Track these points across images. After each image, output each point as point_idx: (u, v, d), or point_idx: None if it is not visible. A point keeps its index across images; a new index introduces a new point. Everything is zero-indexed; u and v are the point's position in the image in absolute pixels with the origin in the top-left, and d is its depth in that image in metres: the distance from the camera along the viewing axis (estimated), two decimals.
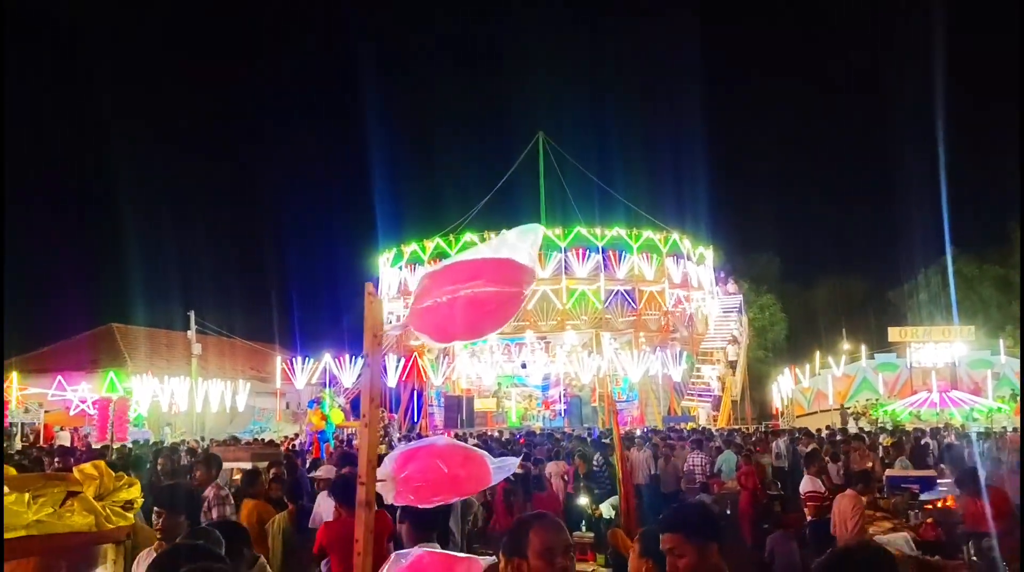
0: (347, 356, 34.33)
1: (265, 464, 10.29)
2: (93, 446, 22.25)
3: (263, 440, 24.06)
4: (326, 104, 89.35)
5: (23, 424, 28.56)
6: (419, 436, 26.62)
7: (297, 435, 26.33)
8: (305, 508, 8.64)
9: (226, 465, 12.15)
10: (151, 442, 24.61)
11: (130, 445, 21.27)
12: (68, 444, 23.90)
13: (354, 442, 21.88)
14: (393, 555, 2.49)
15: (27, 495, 3.09)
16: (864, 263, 57.78)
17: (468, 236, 38.80)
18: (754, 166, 78.99)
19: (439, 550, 2.76)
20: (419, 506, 2.53)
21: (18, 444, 25.05)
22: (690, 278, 40.71)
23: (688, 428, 27.59)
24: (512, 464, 2.61)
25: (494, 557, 2.69)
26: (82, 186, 67.13)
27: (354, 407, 30.93)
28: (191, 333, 34.42)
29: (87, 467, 3.54)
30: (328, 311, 59.68)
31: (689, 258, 40.75)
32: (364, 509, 2.31)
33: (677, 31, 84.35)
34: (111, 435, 28.43)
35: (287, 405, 37.31)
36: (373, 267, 43.01)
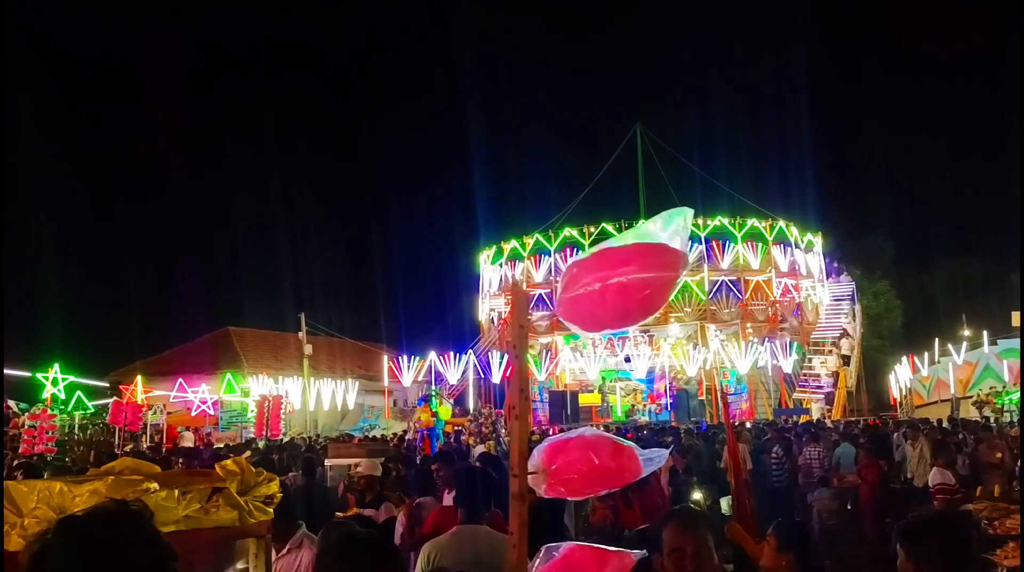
0: (451, 354, 34.79)
1: (382, 460, 10.48)
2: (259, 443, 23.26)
3: (374, 437, 24.66)
4: (427, 105, 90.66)
5: (149, 425, 30.04)
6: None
7: (406, 432, 26.82)
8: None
9: (343, 461, 12.51)
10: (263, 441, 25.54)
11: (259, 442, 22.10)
12: (192, 444, 24.99)
13: (461, 438, 22.15)
14: (544, 548, 2.46)
15: (176, 492, 3.19)
16: (984, 244, 54.66)
17: (567, 231, 38.73)
18: (863, 147, 75.87)
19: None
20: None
21: (144, 445, 26.35)
22: (798, 266, 39.51)
23: (801, 421, 26.79)
24: (662, 456, 2.54)
25: (644, 552, 2.63)
26: (200, 199, 70.16)
27: (458, 404, 31.35)
28: (302, 334, 35.49)
29: (228, 463, 3.63)
30: (432, 310, 60.65)
31: (797, 245, 39.55)
32: (517, 501, 2.28)
33: (781, 11, 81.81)
34: (266, 432, 29.70)
35: (395, 402, 38.09)
36: (474, 265, 43.46)
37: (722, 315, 38.03)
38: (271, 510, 3.81)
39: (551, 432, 24.82)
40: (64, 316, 41.61)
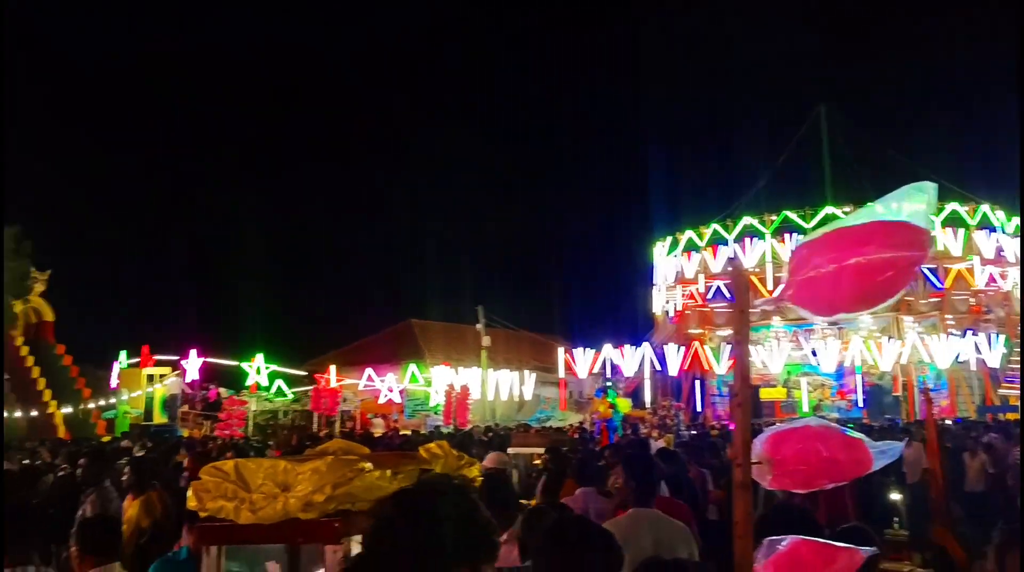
0: (626, 346, 34.56)
1: (565, 450, 10.55)
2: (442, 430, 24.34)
3: (551, 428, 24.94)
4: (602, 94, 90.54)
5: (342, 412, 31.85)
6: (703, 427, 26.13)
7: (582, 423, 26.93)
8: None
9: (524, 450, 12.70)
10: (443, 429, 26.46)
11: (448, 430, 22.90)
12: (383, 431, 26.24)
13: (640, 431, 21.97)
14: (767, 541, 2.37)
15: (388, 472, 3.34)
16: None
17: (746, 219, 37.46)
18: None
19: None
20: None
21: (338, 431, 27.94)
22: (1004, 252, 36.25)
23: (1008, 418, 24.62)
24: (896, 449, 2.38)
25: (874, 549, 2.48)
26: (385, 202, 73.77)
27: (633, 398, 31.06)
28: (480, 326, 36.36)
29: (432, 446, 3.77)
30: (606, 302, 60.46)
31: (1003, 230, 36.30)
32: (741, 490, 2.21)
33: None
34: (454, 420, 30.98)
35: (570, 394, 38.33)
36: (648, 256, 42.93)
37: (919, 306, 35.54)
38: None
39: (731, 427, 24.15)
40: (266, 311, 44.99)
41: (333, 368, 32.36)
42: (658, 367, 34.27)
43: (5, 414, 26.40)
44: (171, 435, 22.89)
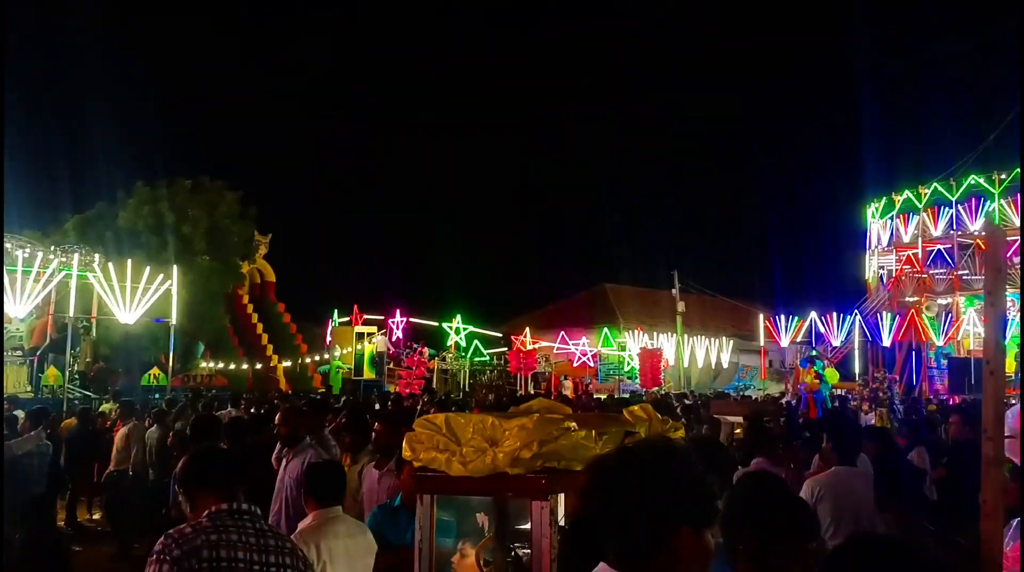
0: (834, 314, 32.73)
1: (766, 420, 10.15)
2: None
3: (750, 397, 24.16)
4: (807, 48, 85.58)
5: (536, 374, 32.49)
6: (917, 400, 24.30)
7: (783, 393, 25.89)
8: None
9: (726, 419, 12.37)
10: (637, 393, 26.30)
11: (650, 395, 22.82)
12: (569, 393, 26.55)
13: (850, 404, 20.79)
14: (1016, 520, 2.13)
15: (593, 432, 3.32)
16: None
17: (972, 178, 34.17)
18: None
19: None
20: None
21: (531, 391, 28.56)
22: None
23: None
24: None
25: None
26: (584, 162, 73.91)
27: (842, 368, 29.42)
28: (675, 291, 35.74)
29: (636, 409, 3.70)
30: (811, 267, 57.54)
31: None
32: (991, 466, 1.99)
33: None
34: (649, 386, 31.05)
35: (770, 363, 36.98)
36: (860, 219, 40.26)
37: None
38: None
39: (951, 402, 22.26)
40: (465, 273, 46.61)
41: (528, 330, 33.07)
42: (869, 337, 32.20)
43: (233, 366, 29.16)
44: (379, 390, 24.37)
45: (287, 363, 32.13)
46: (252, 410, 12.54)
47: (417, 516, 2.88)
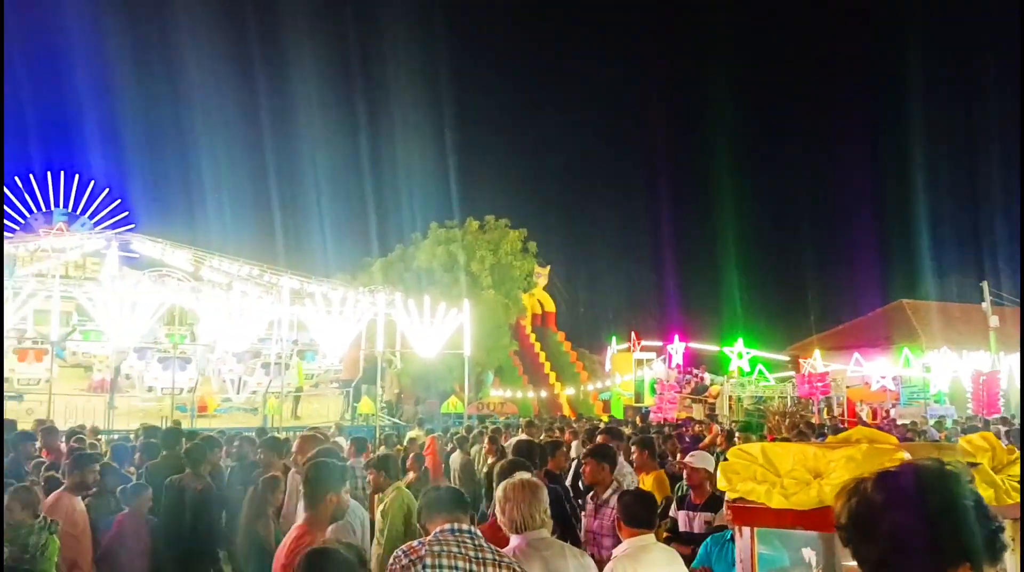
0: None
1: None
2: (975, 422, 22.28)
3: None
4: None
5: (828, 399, 30.53)
6: None
7: None
8: None
9: None
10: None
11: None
12: (867, 418, 24.61)
13: None
14: None
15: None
16: None
17: None
18: None
19: None
20: None
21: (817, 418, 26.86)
22: None
23: None
24: None
25: None
26: (870, 174, 69.03)
27: None
28: (986, 305, 32.20)
29: (975, 439, 3.38)
30: None
31: None
32: None
33: None
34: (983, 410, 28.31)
35: None
36: None
37: None
38: (1017, 496, 3.42)
39: None
40: (746, 296, 45.21)
41: (817, 352, 31.27)
42: None
43: (520, 395, 30.48)
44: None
45: (570, 390, 33.01)
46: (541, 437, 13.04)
47: (737, 549, 2.82)
